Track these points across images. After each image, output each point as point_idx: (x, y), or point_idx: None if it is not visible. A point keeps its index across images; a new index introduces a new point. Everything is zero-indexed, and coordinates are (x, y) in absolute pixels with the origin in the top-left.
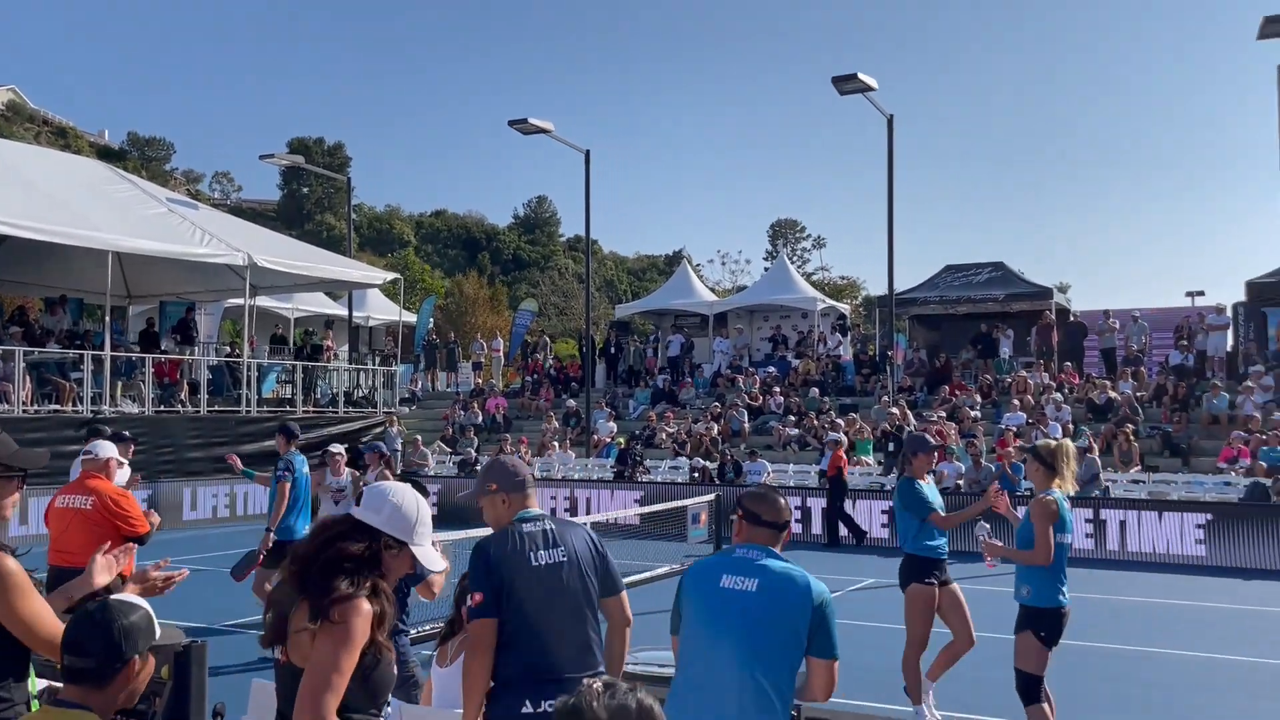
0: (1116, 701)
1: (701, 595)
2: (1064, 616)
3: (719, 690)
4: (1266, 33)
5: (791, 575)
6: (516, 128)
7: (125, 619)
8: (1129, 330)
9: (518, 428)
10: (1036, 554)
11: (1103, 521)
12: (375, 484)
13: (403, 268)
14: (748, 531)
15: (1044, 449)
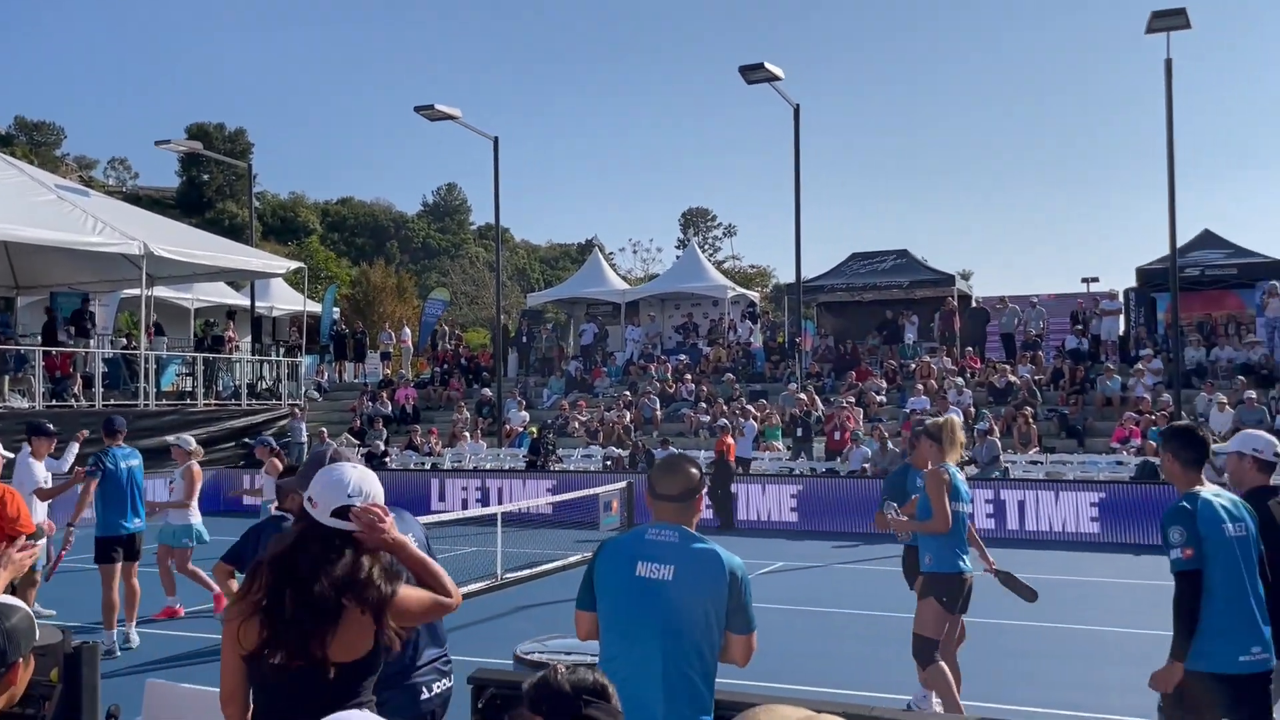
0: (1013, 676)
1: (618, 585)
2: (965, 582)
3: (645, 687)
4: (1155, 27)
5: (705, 555)
6: (423, 114)
7: (6, 622)
8: (1027, 315)
9: (428, 418)
10: (936, 523)
11: (1003, 502)
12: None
13: (307, 256)
14: (655, 508)
15: (933, 426)
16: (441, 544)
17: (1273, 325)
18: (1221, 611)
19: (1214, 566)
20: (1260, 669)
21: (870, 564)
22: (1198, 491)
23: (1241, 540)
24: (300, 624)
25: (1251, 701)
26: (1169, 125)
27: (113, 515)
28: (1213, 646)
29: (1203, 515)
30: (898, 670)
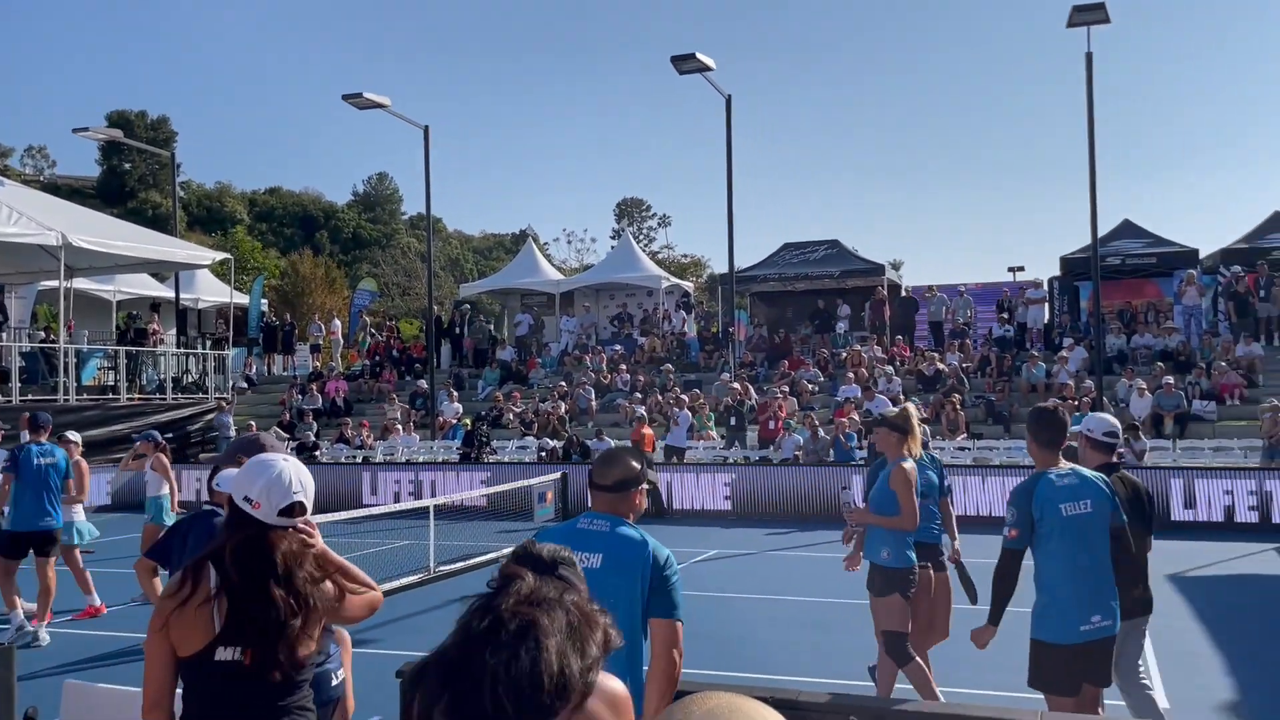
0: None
1: None
2: (917, 574)
3: None
4: (1075, 21)
5: (631, 541)
6: (351, 102)
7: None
8: (955, 305)
9: (359, 411)
10: (905, 520)
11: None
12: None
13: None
14: (593, 498)
15: (895, 416)
16: (373, 538)
17: (1189, 313)
18: (1061, 585)
19: (1052, 543)
20: (1101, 636)
21: (803, 550)
22: (1044, 472)
23: (1082, 517)
24: (267, 623)
25: (1091, 665)
26: (1090, 118)
27: (22, 511)
28: (1055, 618)
29: (1039, 496)
30: (831, 655)
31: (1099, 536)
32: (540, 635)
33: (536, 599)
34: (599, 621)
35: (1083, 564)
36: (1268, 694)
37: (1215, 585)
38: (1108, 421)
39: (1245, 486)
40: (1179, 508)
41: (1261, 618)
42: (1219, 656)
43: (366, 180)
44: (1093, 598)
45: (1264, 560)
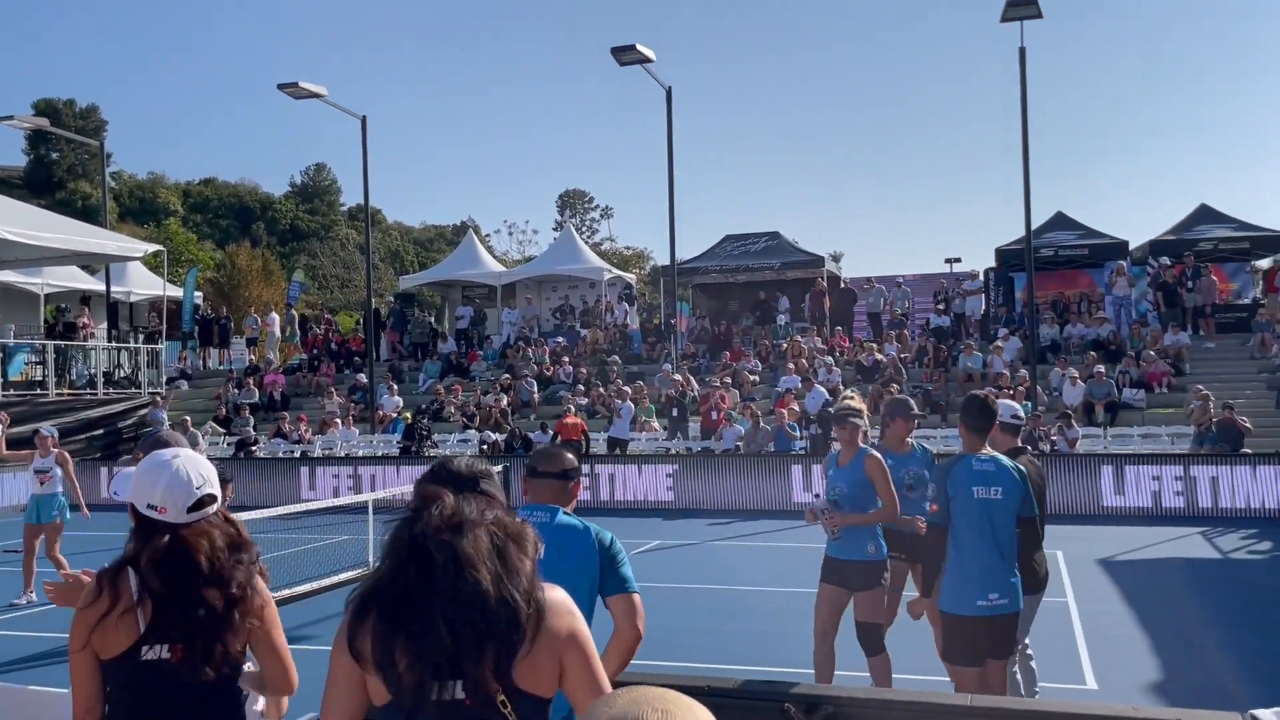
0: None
1: None
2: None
3: None
4: (1009, 16)
5: (573, 530)
6: (287, 92)
7: None
8: (893, 296)
9: (297, 405)
10: (888, 509)
11: None
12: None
13: (166, 239)
14: (532, 489)
15: (857, 409)
16: (311, 534)
17: (1120, 303)
18: (966, 561)
19: (960, 522)
20: (998, 612)
21: (744, 540)
22: (964, 455)
23: (991, 501)
24: (196, 622)
25: (991, 639)
26: (1023, 111)
27: None
28: (958, 592)
29: (955, 477)
30: (770, 644)
31: (1005, 521)
32: (469, 567)
33: (457, 521)
34: (525, 534)
35: (986, 544)
36: (1193, 674)
37: (1143, 569)
38: (1013, 406)
39: (1172, 473)
40: (1110, 494)
41: (1187, 600)
42: (1146, 638)
43: (304, 171)
44: (992, 576)
45: (1189, 544)
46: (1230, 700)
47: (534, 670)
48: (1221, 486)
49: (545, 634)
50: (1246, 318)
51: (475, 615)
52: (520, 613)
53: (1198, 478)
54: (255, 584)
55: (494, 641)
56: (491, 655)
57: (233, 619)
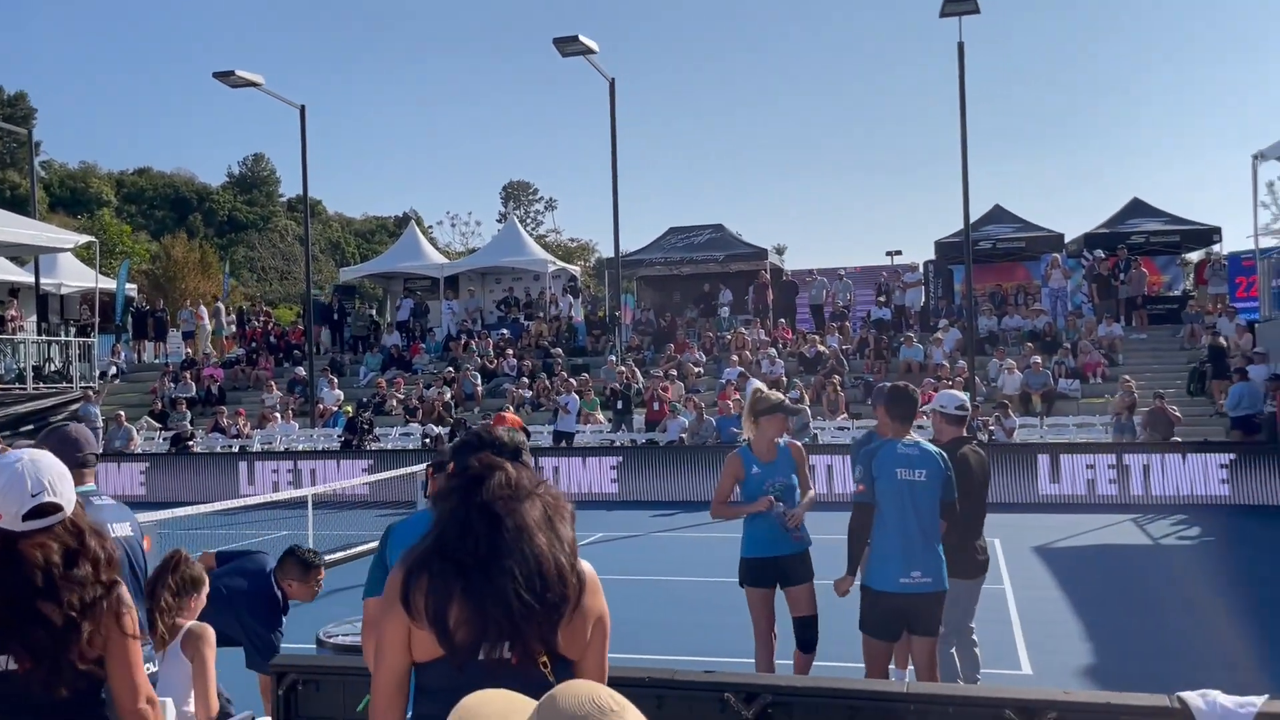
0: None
1: None
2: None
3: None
4: (947, 11)
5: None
6: (223, 80)
7: None
8: (835, 288)
9: (235, 399)
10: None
11: (812, 467)
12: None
13: (99, 230)
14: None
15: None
16: (249, 529)
17: (1055, 295)
18: (890, 540)
19: (885, 503)
20: (920, 590)
21: (688, 532)
22: (892, 440)
23: (915, 484)
24: (35, 638)
25: (913, 615)
26: (962, 106)
27: None
28: (881, 568)
29: (880, 459)
30: (712, 634)
31: (928, 503)
32: (533, 533)
33: (518, 489)
34: (565, 505)
35: (909, 524)
36: (1124, 659)
37: (1077, 556)
38: (957, 397)
39: (1105, 461)
40: (1045, 482)
41: (1119, 586)
42: (1079, 624)
43: (242, 161)
44: (915, 555)
45: (1122, 531)
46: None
47: (571, 637)
48: (1153, 475)
49: (585, 606)
50: (1177, 309)
51: (536, 580)
52: (569, 582)
53: (1130, 466)
54: (115, 597)
55: (547, 607)
56: (544, 619)
57: (79, 634)
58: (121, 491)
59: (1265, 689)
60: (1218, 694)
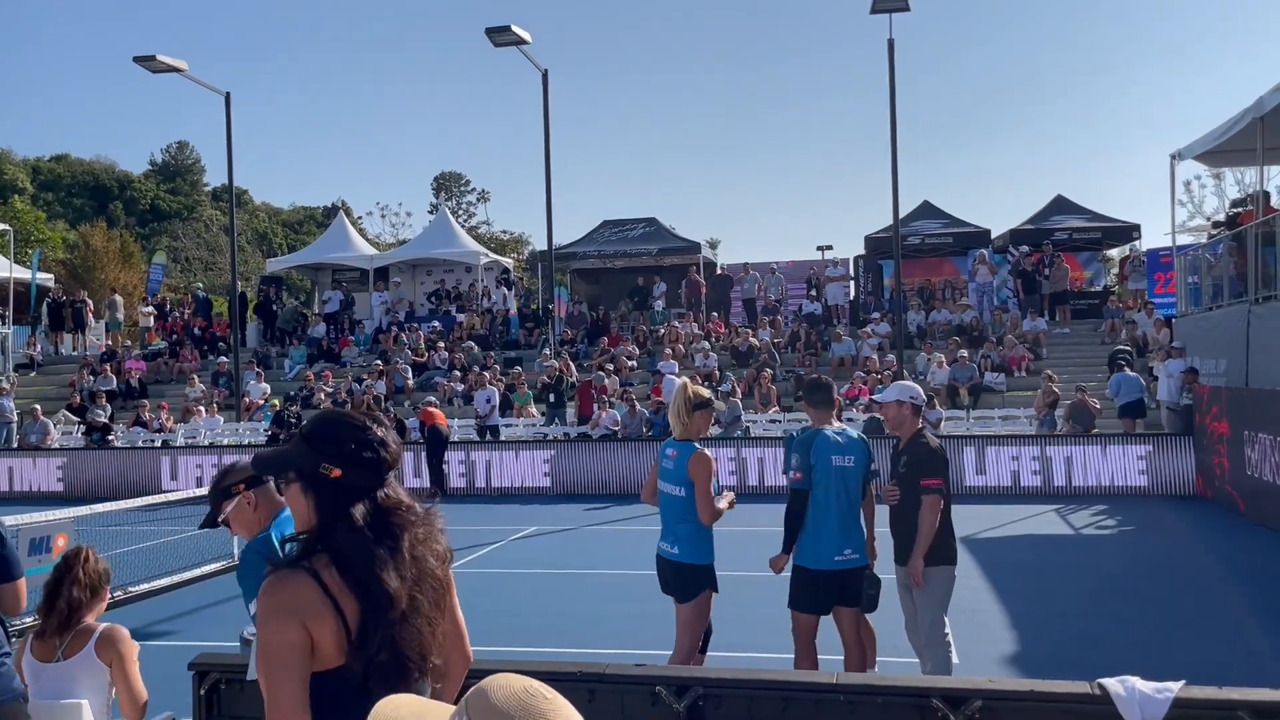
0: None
1: None
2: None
3: None
4: (878, 8)
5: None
6: (144, 65)
7: None
8: (767, 282)
9: (157, 392)
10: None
11: (744, 459)
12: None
13: (13, 218)
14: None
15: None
16: (172, 525)
17: (982, 290)
18: (824, 522)
19: (820, 488)
20: (851, 565)
21: (621, 525)
22: (821, 428)
23: (847, 469)
24: None
25: (845, 588)
26: (892, 102)
27: None
28: (815, 548)
29: (817, 447)
30: (645, 627)
31: (856, 485)
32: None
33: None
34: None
35: (843, 506)
36: (1047, 647)
37: (1002, 546)
38: (914, 388)
39: (1029, 453)
40: (971, 474)
41: (1042, 575)
42: (1004, 613)
43: (165, 149)
44: (849, 534)
45: (1045, 521)
46: (1081, 669)
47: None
48: (1075, 466)
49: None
50: (1099, 304)
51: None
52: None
53: (1053, 458)
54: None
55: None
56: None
57: None
58: (37, 488)
59: (1182, 675)
60: (1136, 680)
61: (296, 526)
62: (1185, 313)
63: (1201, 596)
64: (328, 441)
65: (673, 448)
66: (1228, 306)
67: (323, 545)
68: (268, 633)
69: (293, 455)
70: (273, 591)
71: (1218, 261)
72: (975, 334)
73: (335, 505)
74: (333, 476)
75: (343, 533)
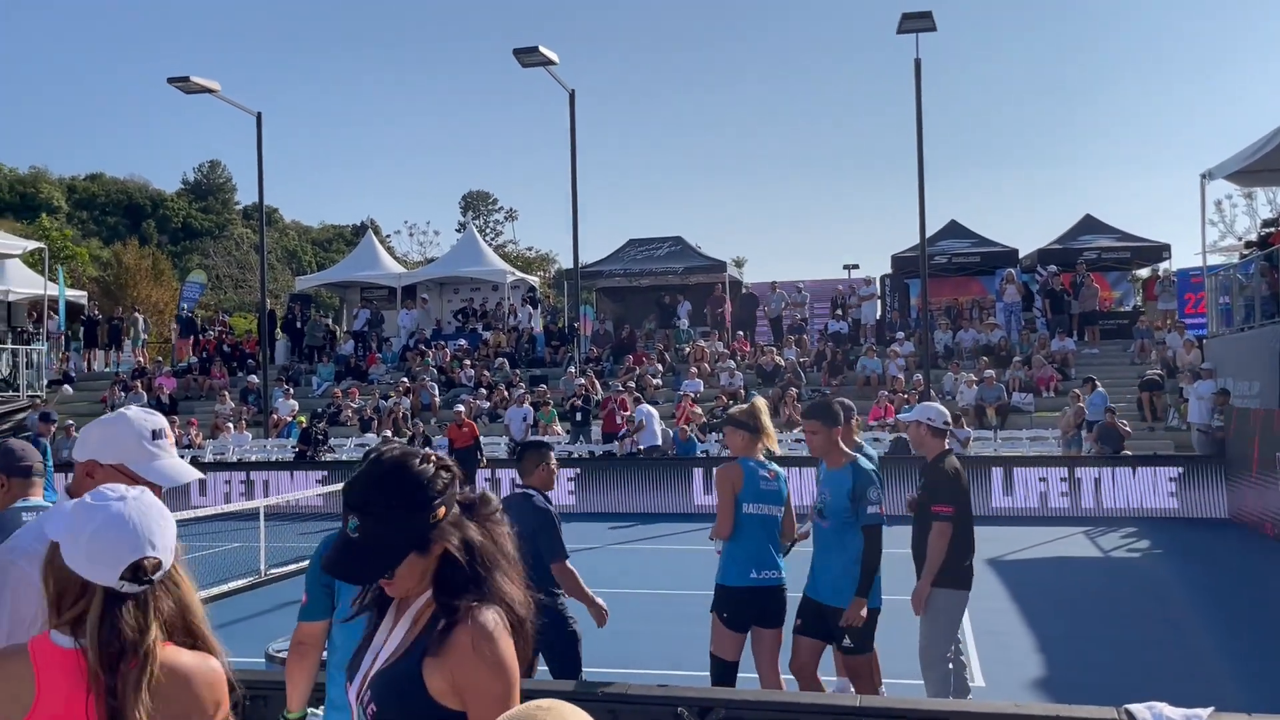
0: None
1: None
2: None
3: None
4: (905, 28)
5: None
6: (178, 86)
7: None
8: (794, 300)
9: (187, 408)
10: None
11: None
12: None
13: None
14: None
15: (739, 413)
16: (200, 541)
17: (1009, 310)
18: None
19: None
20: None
21: (645, 544)
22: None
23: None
24: None
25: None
26: (918, 121)
27: None
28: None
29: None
30: (667, 647)
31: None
32: None
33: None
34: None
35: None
36: (1074, 670)
37: (1029, 568)
38: (942, 410)
39: (1058, 474)
40: (999, 495)
41: (1071, 598)
42: (1031, 636)
43: (197, 168)
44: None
45: (1073, 543)
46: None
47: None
48: (1104, 488)
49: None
50: (1128, 324)
51: None
52: None
53: (1082, 479)
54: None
55: None
56: None
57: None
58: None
59: (1211, 701)
60: (1164, 706)
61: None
62: (1216, 333)
63: (1232, 622)
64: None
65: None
66: (1260, 327)
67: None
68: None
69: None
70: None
71: (1249, 282)
72: (1003, 354)
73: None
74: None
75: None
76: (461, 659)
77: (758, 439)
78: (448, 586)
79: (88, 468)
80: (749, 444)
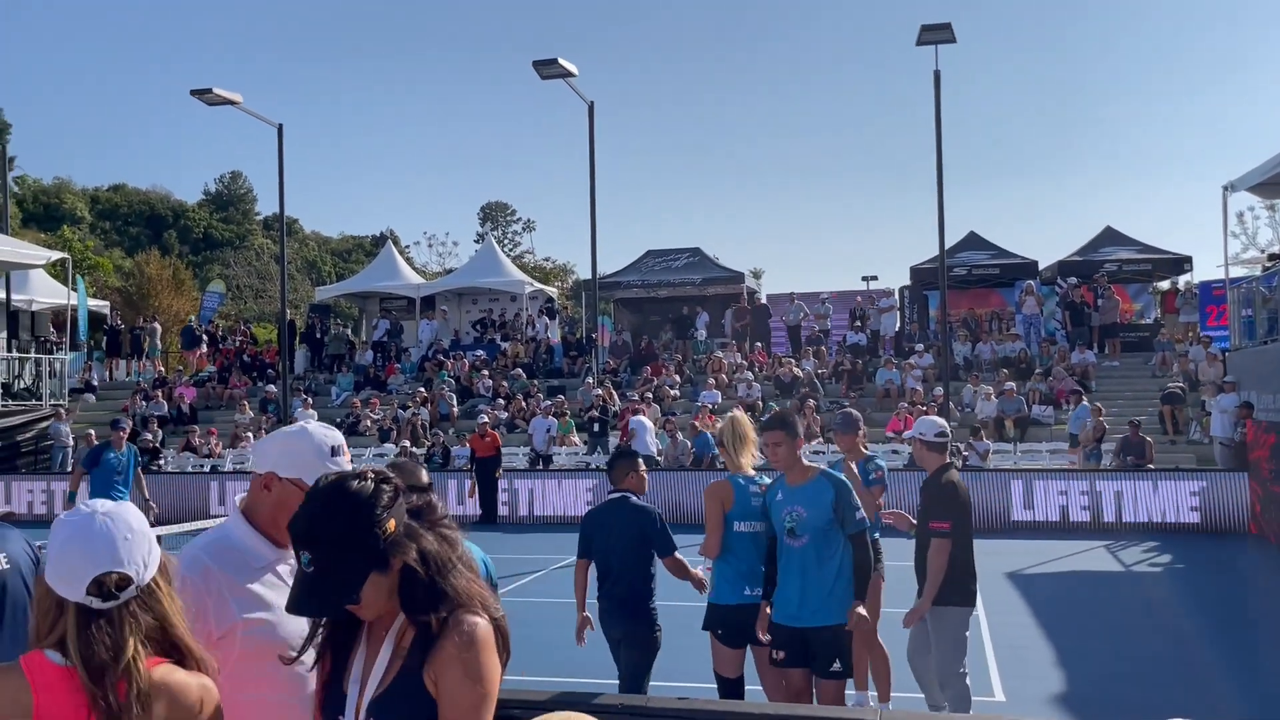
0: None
1: None
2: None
3: None
4: (924, 40)
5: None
6: (200, 98)
7: None
8: (814, 310)
9: (207, 418)
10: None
11: None
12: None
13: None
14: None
15: (718, 432)
16: None
17: (1029, 322)
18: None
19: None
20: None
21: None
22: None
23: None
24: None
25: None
26: (938, 133)
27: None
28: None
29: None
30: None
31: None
32: None
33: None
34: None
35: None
36: (1095, 685)
37: (1050, 582)
38: (937, 424)
39: (1078, 487)
40: (1019, 508)
41: (1091, 612)
42: (1051, 650)
43: (218, 179)
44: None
45: (1094, 557)
46: (1131, 710)
47: None
48: (1125, 501)
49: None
50: (1149, 337)
51: None
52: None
53: (1102, 492)
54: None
55: None
56: None
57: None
58: None
59: (1233, 716)
60: None
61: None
62: (1239, 346)
63: (1253, 636)
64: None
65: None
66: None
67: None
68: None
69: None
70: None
71: (1272, 294)
72: (1022, 366)
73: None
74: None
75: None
76: (446, 663)
77: (743, 455)
78: (416, 603)
79: (266, 480)
80: (733, 461)
